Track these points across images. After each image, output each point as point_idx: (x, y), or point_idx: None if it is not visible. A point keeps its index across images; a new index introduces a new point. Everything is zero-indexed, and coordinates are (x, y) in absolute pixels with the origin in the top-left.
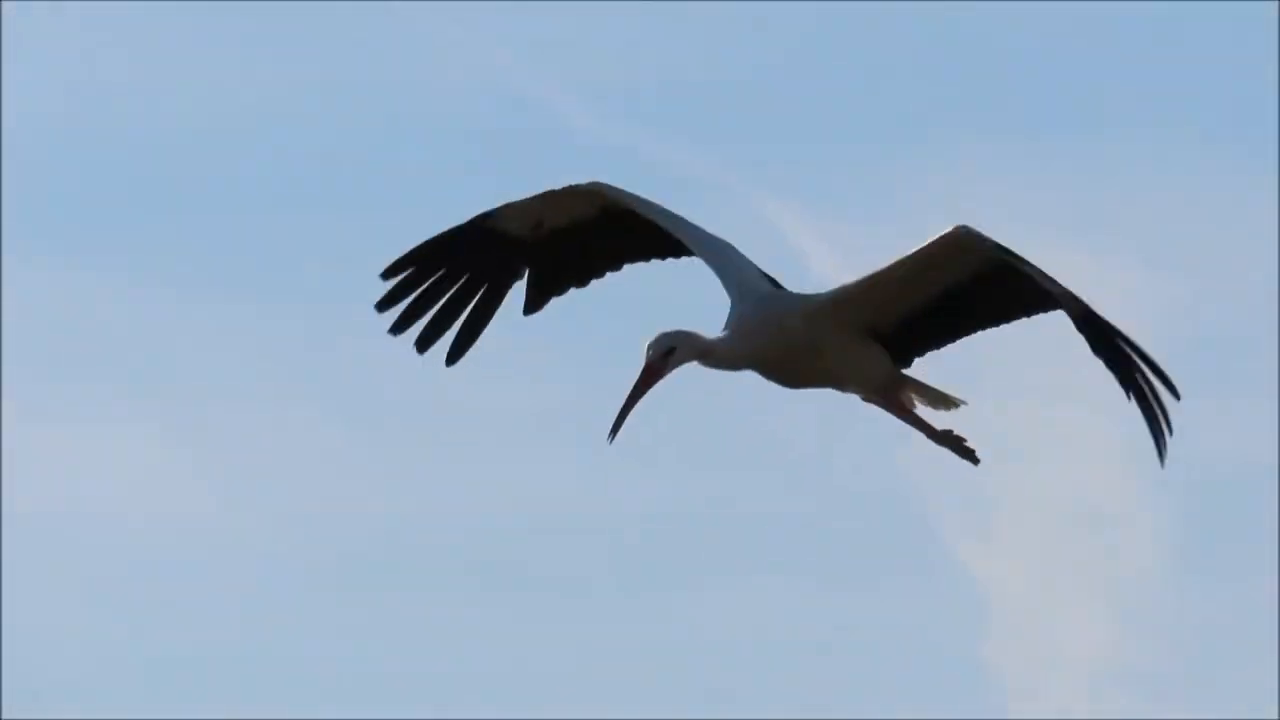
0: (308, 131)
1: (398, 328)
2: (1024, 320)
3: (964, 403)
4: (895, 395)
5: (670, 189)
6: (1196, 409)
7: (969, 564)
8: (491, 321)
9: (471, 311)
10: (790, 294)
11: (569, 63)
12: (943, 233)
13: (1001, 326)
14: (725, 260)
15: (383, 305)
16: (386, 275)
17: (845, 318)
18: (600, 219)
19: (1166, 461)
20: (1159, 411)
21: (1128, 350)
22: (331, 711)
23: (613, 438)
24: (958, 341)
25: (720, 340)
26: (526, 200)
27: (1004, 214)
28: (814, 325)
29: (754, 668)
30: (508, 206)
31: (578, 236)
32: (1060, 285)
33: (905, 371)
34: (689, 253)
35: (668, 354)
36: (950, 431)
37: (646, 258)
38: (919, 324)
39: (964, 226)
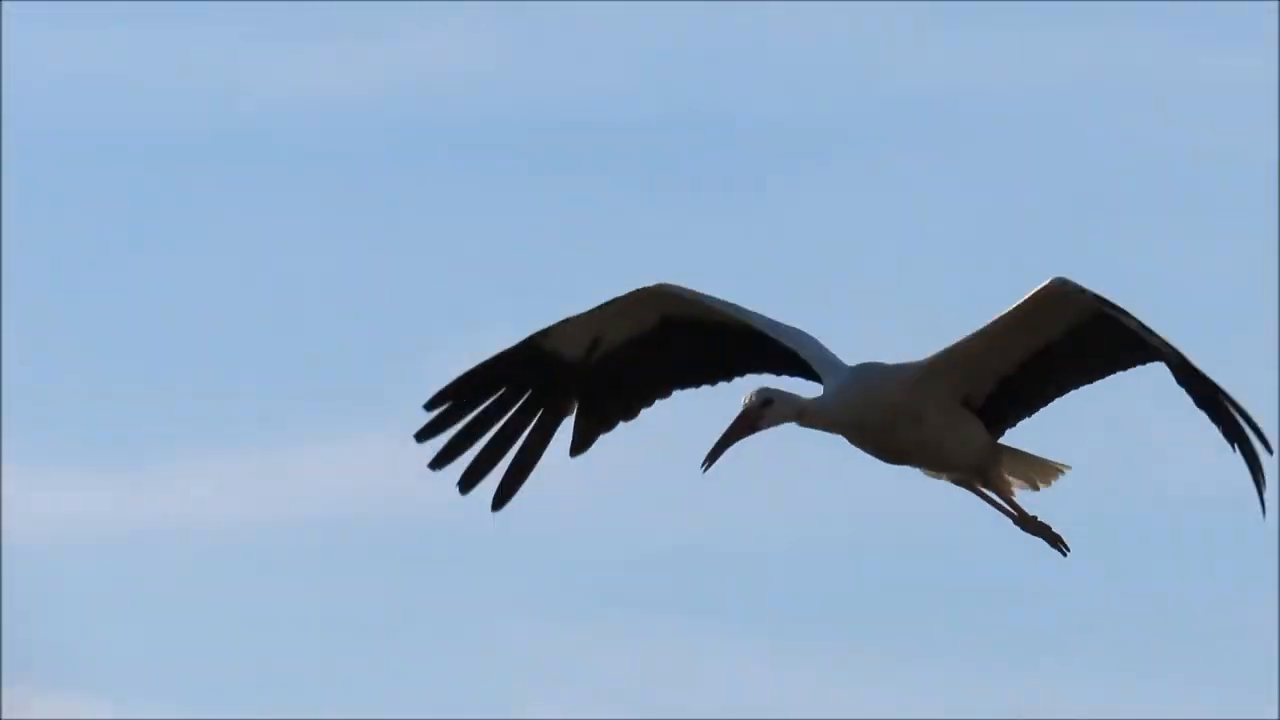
0: None
1: (438, 463)
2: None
3: (1068, 468)
4: (992, 468)
5: None
6: None
7: None
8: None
9: (520, 450)
10: (888, 364)
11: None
12: (1041, 286)
13: (1096, 382)
14: (810, 341)
15: (423, 435)
16: (430, 406)
17: (941, 383)
18: (660, 330)
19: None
20: (1258, 463)
21: (1225, 403)
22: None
23: (706, 468)
24: (1050, 405)
25: (817, 400)
26: (586, 314)
27: None
28: (911, 391)
29: None
30: (565, 323)
31: (634, 357)
32: (1158, 337)
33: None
34: (749, 365)
35: (765, 405)
36: (1038, 519)
37: (699, 380)
38: (1013, 387)
39: (1060, 278)
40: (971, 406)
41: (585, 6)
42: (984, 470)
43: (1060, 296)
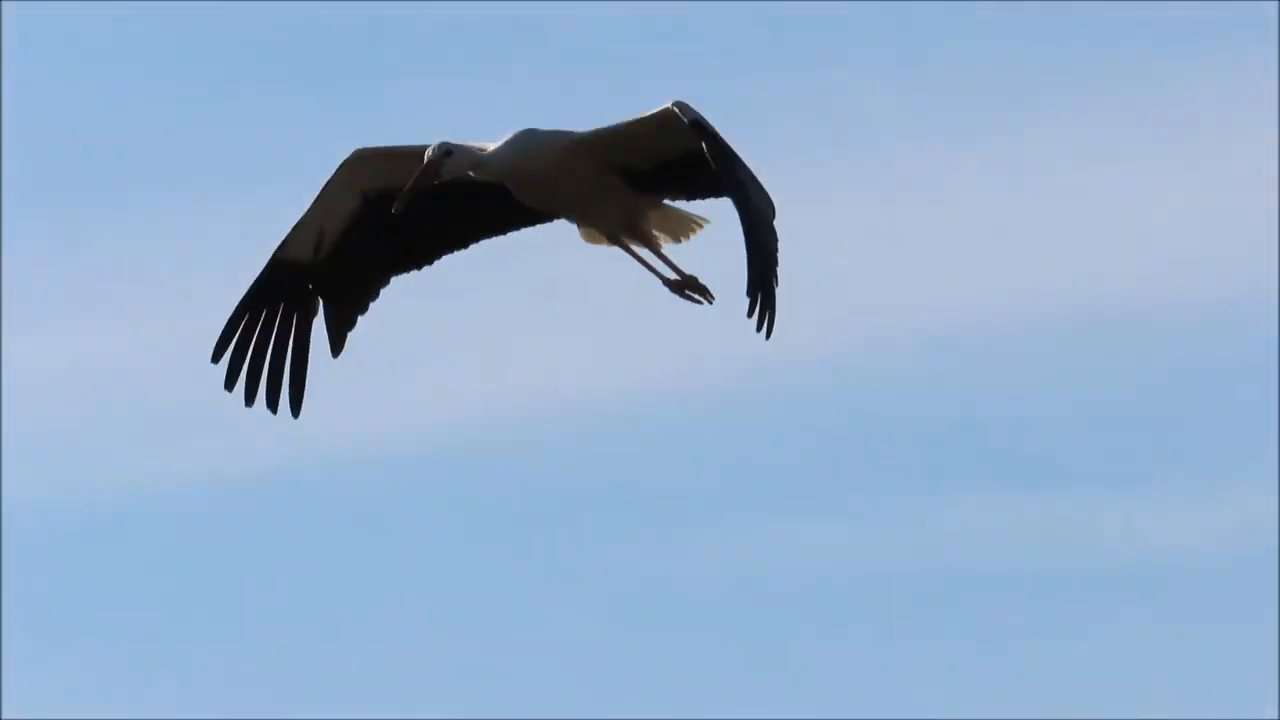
0: None
1: (248, 399)
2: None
3: (707, 221)
4: (639, 223)
5: None
6: None
7: None
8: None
9: (291, 361)
10: (550, 130)
11: None
12: (660, 108)
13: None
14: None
15: (227, 384)
16: (215, 358)
17: (594, 155)
18: (365, 211)
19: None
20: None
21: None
22: None
23: (398, 209)
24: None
25: (490, 154)
26: (303, 215)
27: None
28: (570, 153)
29: None
30: (294, 229)
31: (349, 245)
32: (742, 180)
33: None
34: (467, 226)
35: (446, 155)
36: (687, 277)
37: (411, 260)
38: (662, 175)
39: (680, 101)
40: (627, 176)
41: None
42: (631, 224)
43: (671, 121)
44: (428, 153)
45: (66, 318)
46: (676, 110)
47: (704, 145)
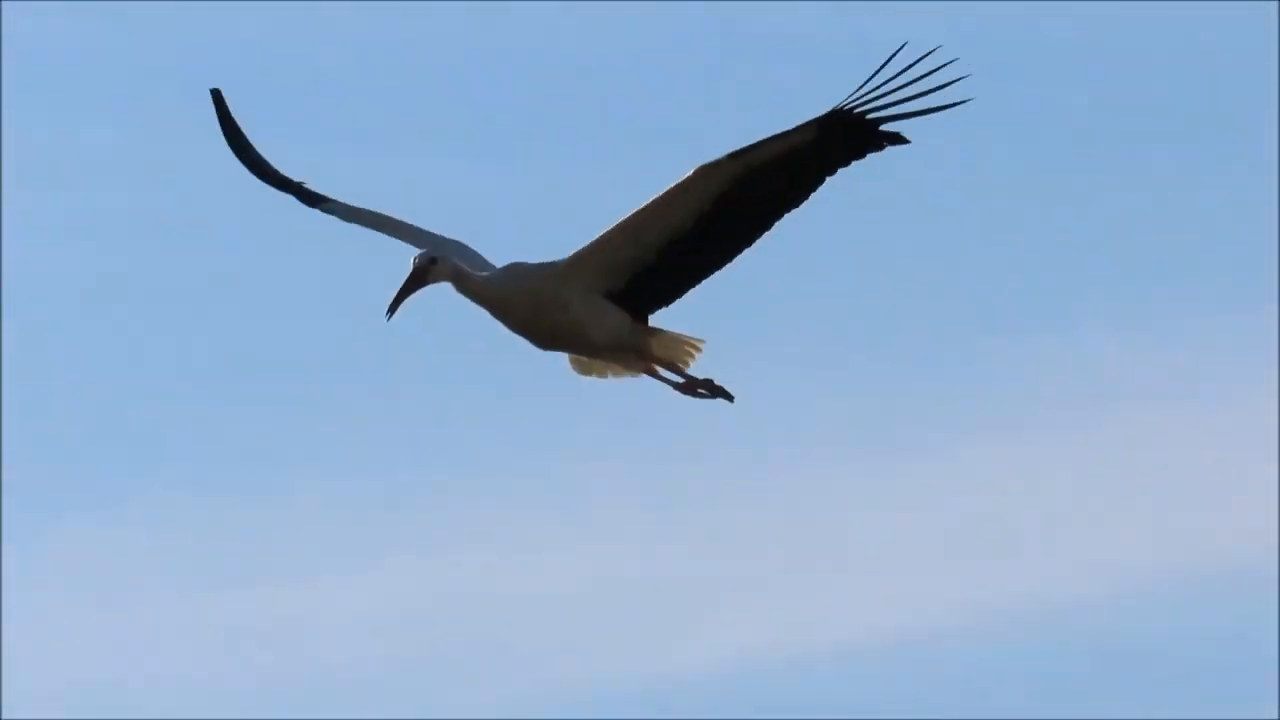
0: None
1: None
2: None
3: (704, 342)
4: (638, 346)
5: None
6: None
7: None
8: None
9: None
10: (534, 262)
11: None
12: (685, 175)
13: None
14: (471, 251)
15: None
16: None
17: (582, 276)
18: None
19: None
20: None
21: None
22: None
23: (389, 317)
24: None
25: (479, 274)
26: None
27: None
28: (554, 281)
29: None
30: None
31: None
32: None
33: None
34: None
35: (431, 262)
36: (700, 380)
37: None
38: (651, 277)
39: (702, 165)
40: (613, 297)
41: None
42: (634, 350)
43: (700, 176)
44: (414, 260)
45: None
46: (704, 166)
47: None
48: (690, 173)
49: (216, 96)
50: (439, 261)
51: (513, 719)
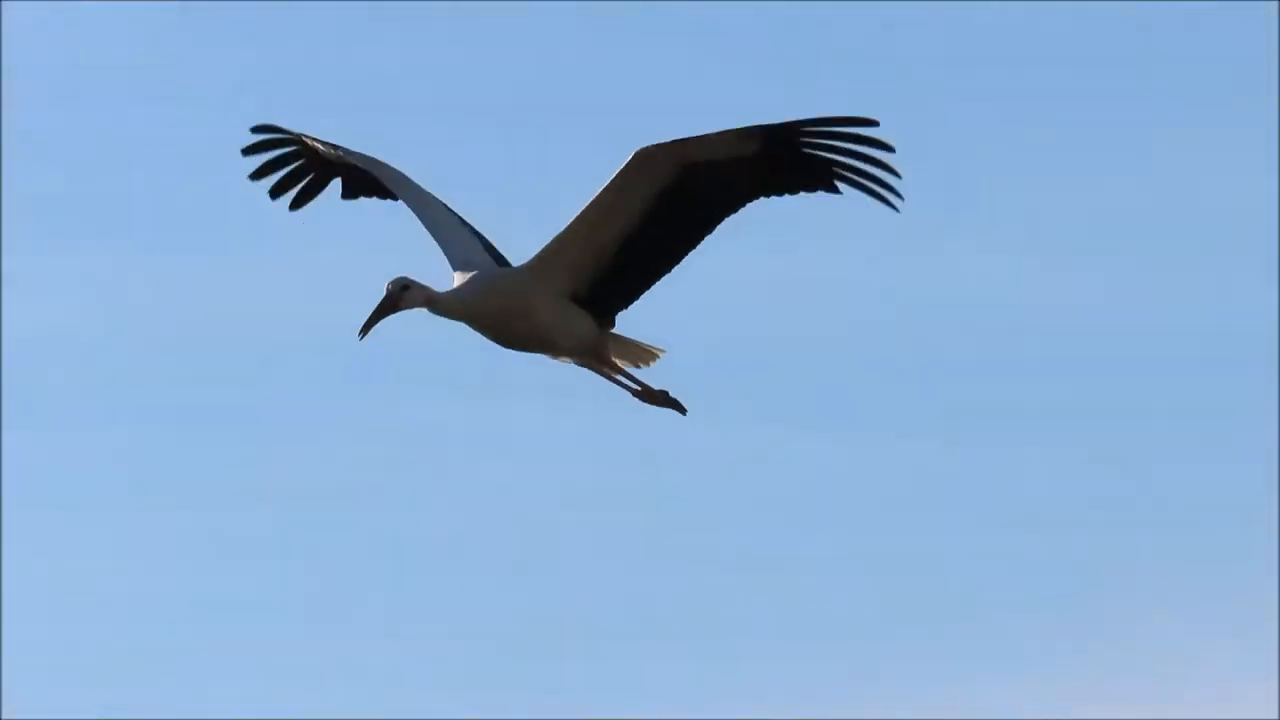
0: None
1: (257, 175)
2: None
3: (663, 351)
4: (602, 351)
5: None
6: None
7: None
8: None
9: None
10: (501, 270)
11: None
12: (626, 160)
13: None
14: (442, 227)
15: (249, 150)
16: (256, 130)
17: (546, 281)
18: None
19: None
20: (875, 174)
21: (820, 128)
22: None
23: (362, 337)
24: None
25: (445, 293)
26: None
27: None
28: (520, 288)
29: None
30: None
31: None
32: (732, 129)
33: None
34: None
35: (404, 289)
36: (656, 390)
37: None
38: (612, 275)
39: (643, 148)
40: (578, 300)
41: None
42: (597, 354)
43: (644, 159)
44: (387, 286)
45: None
46: (644, 150)
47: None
48: (629, 157)
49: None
50: (411, 289)
51: (501, 719)
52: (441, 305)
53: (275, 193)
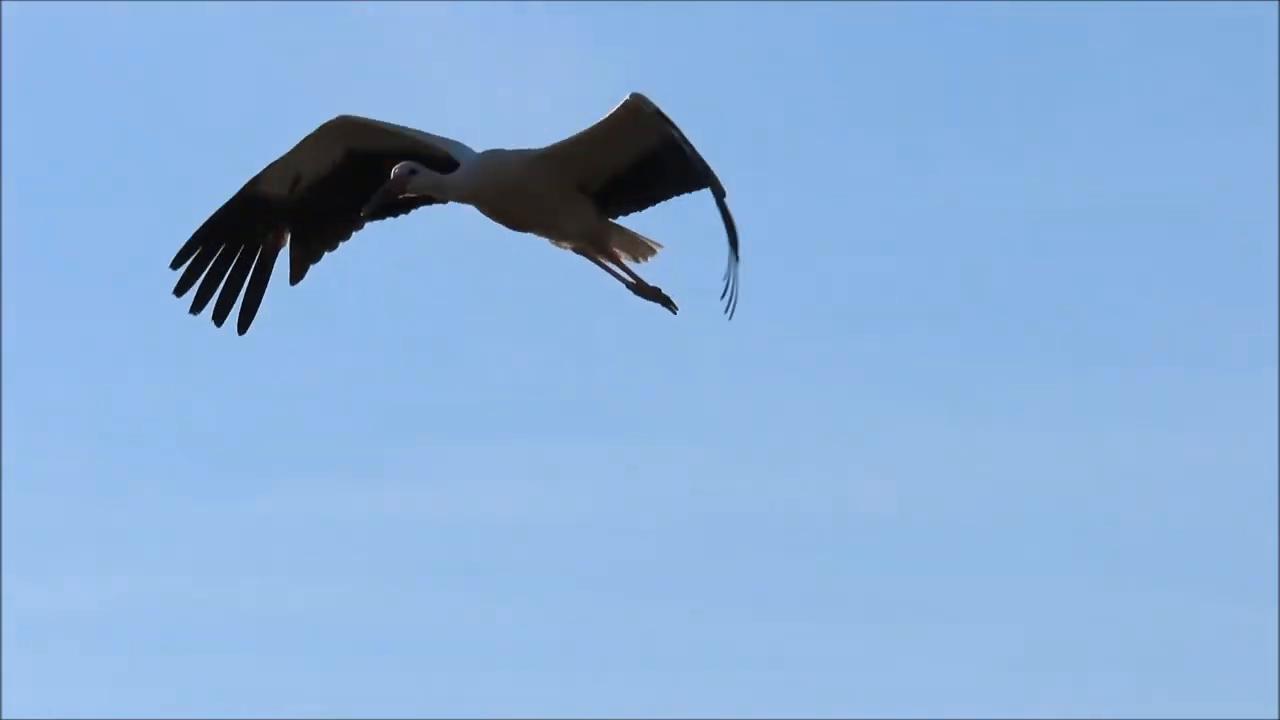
0: None
1: (195, 308)
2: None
3: (661, 246)
4: (603, 239)
5: None
6: None
7: None
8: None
9: (250, 281)
10: (510, 149)
11: None
12: (622, 102)
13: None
14: (464, 150)
15: (178, 290)
16: (175, 265)
17: (554, 170)
18: (348, 162)
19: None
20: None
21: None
22: None
23: (365, 215)
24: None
25: (451, 176)
26: (285, 154)
27: None
28: (529, 171)
29: None
30: (269, 167)
31: (328, 190)
32: (705, 166)
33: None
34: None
35: (410, 173)
36: (650, 286)
37: (390, 209)
38: (615, 188)
39: (639, 94)
40: (586, 193)
41: None
42: (598, 242)
43: (636, 112)
44: (393, 170)
45: None
46: (639, 98)
47: (671, 130)
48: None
49: None
50: (419, 173)
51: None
52: (449, 187)
53: (217, 317)
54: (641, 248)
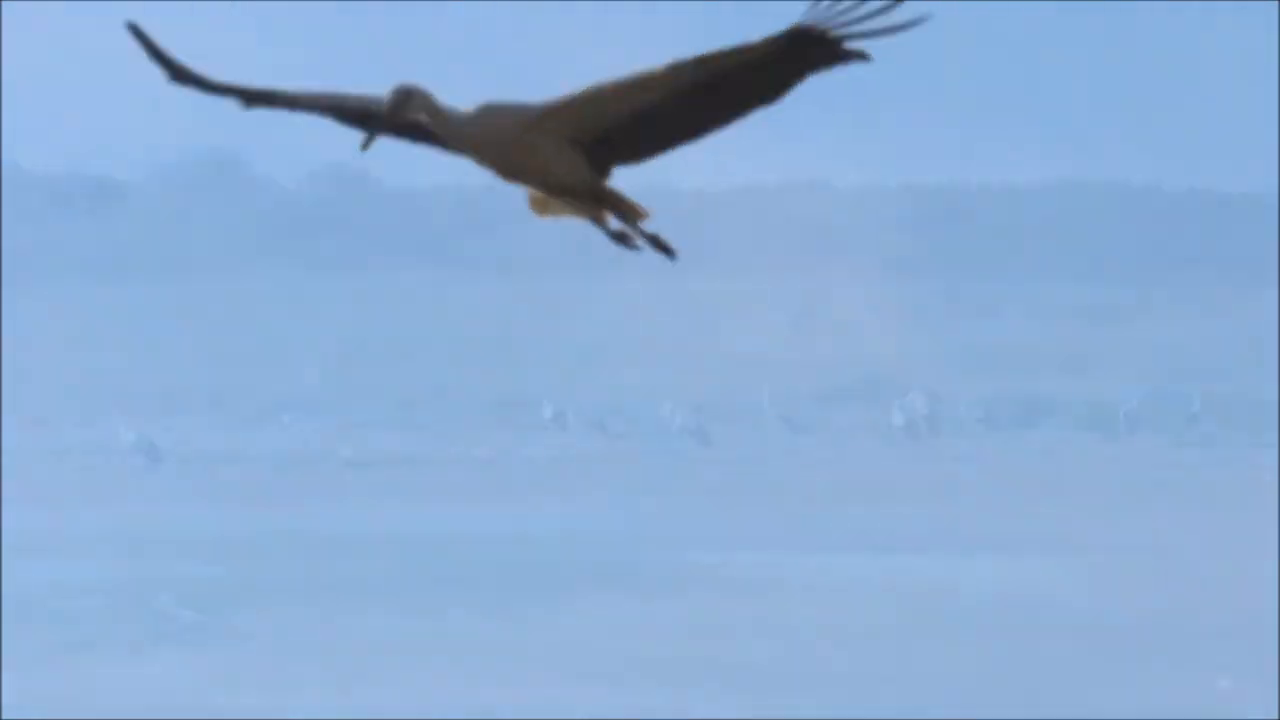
0: None
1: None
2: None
3: (649, 213)
4: (594, 196)
5: None
6: None
7: None
8: None
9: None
10: (518, 102)
11: None
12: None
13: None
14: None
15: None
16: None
17: (555, 122)
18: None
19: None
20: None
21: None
22: None
23: (364, 147)
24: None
25: (454, 113)
26: None
27: None
28: (534, 130)
29: None
30: None
31: None
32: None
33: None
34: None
35: (408, 96)
36: (645, 231)
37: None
38: (617, 139)
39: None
40: (581, 147)
41: None
42: (590, 195)
43: (669, 70)
44: (391, 91)
45: None
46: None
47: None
48: (660, 66)
49: (135, 30)
50: (415, 95)
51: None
52: (444, 125)
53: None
54: (629, 209)
